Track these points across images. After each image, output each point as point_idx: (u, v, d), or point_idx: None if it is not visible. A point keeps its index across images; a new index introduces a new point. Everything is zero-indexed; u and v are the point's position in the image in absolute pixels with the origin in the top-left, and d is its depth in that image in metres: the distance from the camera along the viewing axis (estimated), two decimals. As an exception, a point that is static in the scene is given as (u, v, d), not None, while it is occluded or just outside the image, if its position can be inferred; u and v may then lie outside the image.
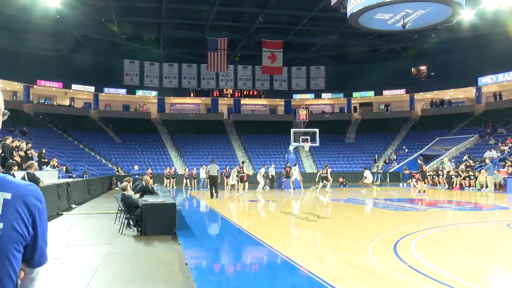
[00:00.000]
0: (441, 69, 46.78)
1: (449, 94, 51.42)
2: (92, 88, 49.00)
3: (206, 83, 53.31)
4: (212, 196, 22.70)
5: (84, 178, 27.13)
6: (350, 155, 46.90)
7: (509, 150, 33.36)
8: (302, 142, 35.41)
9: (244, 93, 54.07)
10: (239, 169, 26.72)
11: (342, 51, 49.55)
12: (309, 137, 35.63)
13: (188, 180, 33.31)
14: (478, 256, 8.28)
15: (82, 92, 49.18)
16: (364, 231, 11.47)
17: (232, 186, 27.16)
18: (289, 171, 30.47)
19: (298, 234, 11.95)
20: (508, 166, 29.06)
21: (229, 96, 53.78)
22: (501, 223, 13.08)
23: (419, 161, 24.69)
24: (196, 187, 32.83)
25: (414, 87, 50.86)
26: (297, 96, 54.62)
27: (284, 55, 47.00)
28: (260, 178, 29.46)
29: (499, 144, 35.60)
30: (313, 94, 54.53)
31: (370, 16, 23.76)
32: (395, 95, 52.70)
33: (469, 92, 49.71)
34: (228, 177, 32.13)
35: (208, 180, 24.05)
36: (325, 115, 54.20)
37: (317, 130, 36.03)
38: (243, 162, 27.80)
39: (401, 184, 34.40)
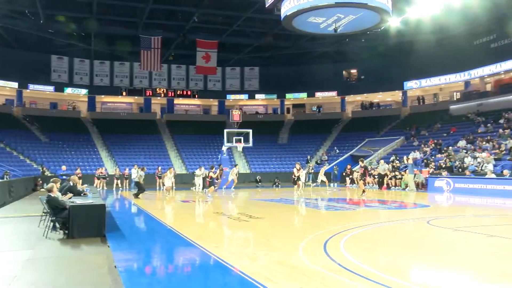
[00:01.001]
0: (370, 72, 48.42)
1: (377, 97, 53.16)
2: (15, 84, 46.67)
3: (139, 82, 52.36)
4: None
5: (5, 179, 25.87)
6: (283, 156, 47.23)
7: (431, 152, 34.97)
8: (235, 142, 35.26)
9: (178, 93, 53.33)
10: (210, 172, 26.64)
11: (276, 52, 49.94)
12: (242, 138, 35.51)
13: (119, 181, 32.65)
14: (402, 253, 8.68)
15: (4, 88, 46.52)
16: (295, 231, 11.72)
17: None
18: (221, 172, 30.15)
19: (230, 235, 12.00)
20: (431, 167, 30.45)
21: (162, 95, 52.91)
22: (422, 220, 13.71)
23: (361, 163, 25.05)
24: (127, 187, 32.23)
25: (345, 90, 52.31)
26: (231, 97, 54.66)
27: (219, 56, 46.77)
28: (198, 179, 28.88)
29: (422, 145, 37.29)
30: (247, 95, 54.74)
31: (303, 19, 24.17)
32: (327, 97, 53.77)
33: (396, 96, 51.56)
34: (160, 177, 31.82)
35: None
36: (259, 116, 54.46)
37: (250, 130, 35.99)
38: (212, 167, 27.56)
39: (331, 184, 35.17)
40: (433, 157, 33.31)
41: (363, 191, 23.24)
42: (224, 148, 36.19)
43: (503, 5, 33.96)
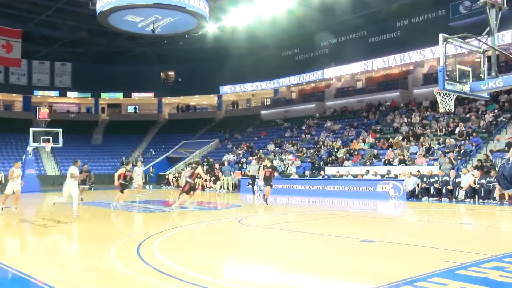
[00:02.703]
0: (188, 75, 49.04)
1: (194, 100, 54.11)
2: None
3: None
4: None
5: None
6: (97, 157, 45.58)
7: (243, 154, 36.62)
8: (43, 142, 33.07)
9: (-30, 85, 47.52)
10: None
11: (91, 49, 47.80)
12: (51, 137, 33.62)
13: None
14: (215, 251, 8.90)
15: None
16: (108, 235, 11.30)
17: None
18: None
19: (35, 243, 11.00)
20: (242, 168, 31.86)
21: None
22: (234, 220, 14.27)
23: (216, 166, 25.14)
24: None
25: (162, 91, 52.24)
26: (38, 93, 50.63)
27: (24, 46, 42.57)
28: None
29: (235, 148, 38.89)
30: (58, 92, 51.37)
31: (120, 16, 23.63)
32: (144, 97, 53.18)
33: (212, 99, 53.01)
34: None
35: None
36: (71, 115, 51.78)
37: (60, 130, 34.11)
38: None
39: (147, 186, 34.80)
40: (245, 159, 34.90)
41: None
42: (29, 149, 33.62)
43: (305, 23, 37.01)
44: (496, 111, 27.48)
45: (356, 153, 29.17)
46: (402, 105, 34.36)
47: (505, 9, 10.83)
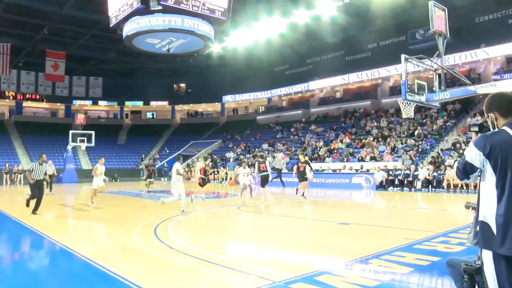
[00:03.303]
0: (196, 87, 49.01)
1: (201, 107, 54.04)
2: None
3: (-12, 85, 45.90)
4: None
5: None
6: (122, 154, 45.70)
7: (242, 152, 36.68)
8: (79, 142, 33.68)
9: (27, 97, 48.05)
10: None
11: (118, 65, 47.79)
12: (85, 138, 34.08)
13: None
14: (219, 233, 8.99)
15: None
16: (130, 218, 11.37)
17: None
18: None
19: (74, 224, 11.20)
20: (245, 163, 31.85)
21: (11, 98, 47.22)
22: (234, 206, 14.34)
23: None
24: None
25: (175, 100, 52.19)
26: (76, 102, 50.82)
27: (67, 65, 43.10)
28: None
29: (235, 147, 38.93)
30: (91, 101, 51.47)
31: (141, 39, 23.59)
32: (160, 105, 53.09)
33: (216, 107, 52.93)
34: (7, 173, 28.87)
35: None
36: (101, 120, 51.59)
37: (93, 132, 34.60)
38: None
39: (162, 179, 34.84)
40: (243, 157, 34.93)
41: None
42: (69, 147, 34.16)
43: (294, 44, 37.08)
44: (445, 117, 27.83)
45: (335, 151, 29.29)
46: (372, 112, 34.47)
47: (449, 38, 11.12)
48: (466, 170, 2.83)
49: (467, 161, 2.81)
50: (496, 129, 2.81)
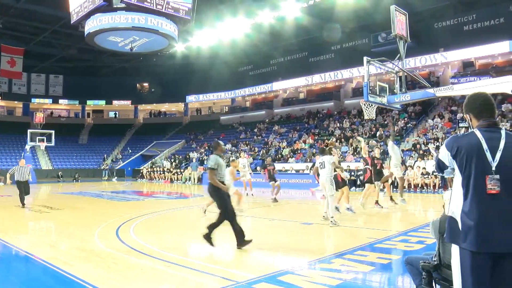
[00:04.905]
0: (160, 86, 48.33)
1: (165, 107, 53.38)
2: None
3: None
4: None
5: None
6: (83, 154, 44.52)
7: (205, 152, 36.42)
8: (38, 141, 32.75)
9: (-19, 94, 45.92)
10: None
11: (79, 64, 46.37)
12: (45, 138, 33.11)
13: None
14: (181, 234, 8.89)
15: None
16: (92, 219, 11.09)
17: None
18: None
19: (32, 226, 10.82)
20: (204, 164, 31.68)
21: (-37, 95, 45.06)
22: (198, 207, 14.21)
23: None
24: None
25: (138, 100, 51.33)
26: (35, 100, 48.78)
27: (25, 62, 41.55)
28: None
29: (198, 147, 38.67)
30: (51, 100, 49.67)
31: (104, 37, 23.10)
32: (123, 105, 52.02)
33: (179, 107, 52.40)
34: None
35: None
36: (62, 119, 50.05)
37: (53, 131, 33.67)
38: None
39: (114, 179, 34.31)
40: (207, 157, 34.72)
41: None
42: (27, 147, 33.11)
43: (258, 45, 37.18)
44: (406, 119, 28.60)
45: (298, 152, 29.57)
46: (335, 113, 35.00)
47: (409, 42, 11.47)
48: (439, 166, 3.02)
49: (439, 158, 3.01)
50: (470, 130, 2.95)
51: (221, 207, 7.11)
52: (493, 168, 2.74)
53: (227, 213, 7.00)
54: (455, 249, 2.85)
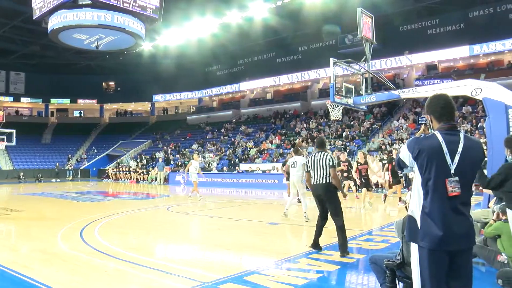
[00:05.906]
0: (126, 85, 47.52)
1: (131, 107, 52.50)
2: None
3: None
4: None
5: None
6: (46, 154, 43.13)
7: (171, 152, 36.02)
8: (-2, 141, 31.54)
9: None
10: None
11: (43, 61, 44.63)
12: (5, 137, 31.92)
13: None
14: (147, 234, 8.73)
15: None
16: (55, 221, 10.76)
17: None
18: None
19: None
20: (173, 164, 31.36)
21: None
22: (164, 207, 14.04)
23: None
24: None
25: (104, 98, 50.16)
26: (-5, 98, 47.06)
27: (-18, 58, 39.83)
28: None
29: (165, 147, 38.23)
30: (12, 98, 47.68)
31: (68, 34, 22.40)
32: (88, 104, 50.68)
33: (146, 106, 51.66)
34: None
35: None
36: (24, 118, 48.31)
37: (14, 130, 32.53)
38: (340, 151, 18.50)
39: (91, 180, 33.48)
40: (173, 157, 34.37)
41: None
42: (-14, 147, 31.84)
43: (226, 45, 37.07)
44: (371, 120, 29.13)
45: (265, 152, 29.65)
46: (302, 113, 35.29)
47: (375, 44, 11.70)
48: (399, 164, 3.09)
49: (399, 157, 3.06)
50: (430, 132, 3.00)
51: (336, 210, 6.65)
52: (452, 171, 2.83)
53: (340, 218, 6.57)
54: (414, 247, 2.92)
